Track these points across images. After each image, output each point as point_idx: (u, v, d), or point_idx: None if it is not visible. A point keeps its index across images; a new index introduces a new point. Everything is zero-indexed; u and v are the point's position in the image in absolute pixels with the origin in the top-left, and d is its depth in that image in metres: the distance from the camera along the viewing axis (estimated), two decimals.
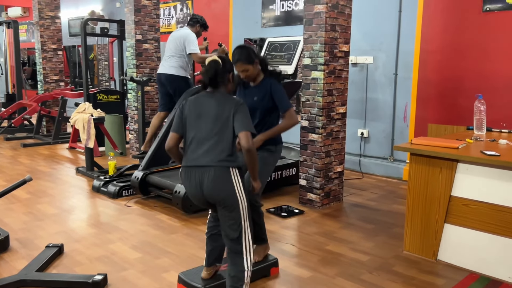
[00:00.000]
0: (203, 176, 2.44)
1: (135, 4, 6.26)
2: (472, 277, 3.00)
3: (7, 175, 5.62)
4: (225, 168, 2.44)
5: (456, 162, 3.07)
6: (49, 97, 8.54)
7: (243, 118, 2.47)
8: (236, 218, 2.47)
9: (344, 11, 4.33)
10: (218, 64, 2.56)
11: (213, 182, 2.42)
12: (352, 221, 4.12)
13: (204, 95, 2.59)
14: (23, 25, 13.17)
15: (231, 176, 2.45)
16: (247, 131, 2.44)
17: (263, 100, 2.99)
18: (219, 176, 2.43)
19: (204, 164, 2.44)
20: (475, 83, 4.85)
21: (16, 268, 3.05)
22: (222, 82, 2.58)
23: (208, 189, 2.44)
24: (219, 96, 2.55)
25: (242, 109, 2.50)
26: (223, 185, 2.44)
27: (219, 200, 2.46)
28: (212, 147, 2.45)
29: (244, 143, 2.41)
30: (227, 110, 2.48)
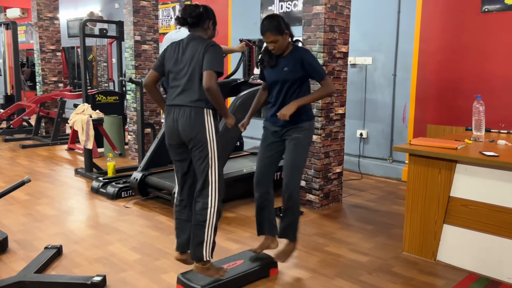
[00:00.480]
0: (178, 114, 2.62)
1: (134, 5, 6.26)
2: (472, 277, 3.00)
3: (6, 176, 5.61)
4: (198, 109, 2.60)
5: (455, 162, 3.07)
6: (48, 98, 8.53)
7: (210, 58, 2.56)
8: (203, 156, 2.61)
9: (343, 12, 4.33)
10: (198, 6, 2.69)
11: (186, 120, 2.59)
12: (351, 222, 4.11)
13: (184, 39, 2.72)
14: (22, 26, 13.16)
15: (204, 116, 2.60)
16: (210, 70, 2.53)
17: (294, 69, 2.83)
18: (192, 115, 2.59)
19: (180, 103, 2.62)
20: (474, 84, 4.85)
21: (14, 270, 3.05)
22: (198, 24, 2.69)
23: (182, 126, 2.61)
24: (197, 39, 2.67)
25: (212, 49, 2.59)
26: (195, 124, 2.59)
27: (190, 138, 2.60)
28: (187, 88, 2.62)
29: (205, 82, 2.52)
30: (198, 51, 2.60)
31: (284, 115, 2.77)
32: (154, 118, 6.57)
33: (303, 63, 2.83)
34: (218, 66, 2.56)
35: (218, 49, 2.62)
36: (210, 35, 2.77)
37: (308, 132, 2.95)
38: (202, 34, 2.72)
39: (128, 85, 6.60)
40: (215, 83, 2.52)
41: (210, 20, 2.75)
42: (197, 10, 2.68)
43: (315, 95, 2.91)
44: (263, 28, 2.83)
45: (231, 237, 3.66)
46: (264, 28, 2.82)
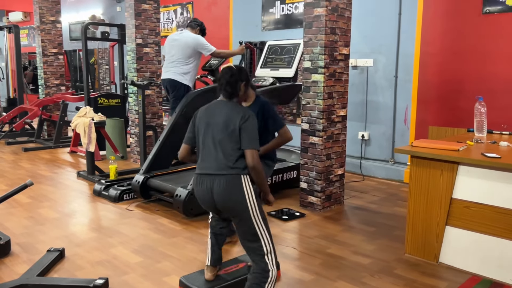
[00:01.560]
0: (213, 183, 2.46)
1: (135, 8, 6.28)
2: (474, 279, 2.99)
3: (8, 180, 5.63)
4: (236, 176, 2.45)
5: (457, 164, 3.07)
6: (50, 101, 8.56)
7: (249, 134, 2.47)
8: (249, 225, 2.46)
9: (344, 14, 4.33)
10: (233, 70, 2.62)
11: (223, 189, 2.44)
12: (353, 224, 4.11)
13: (215, 104, 2.63)
14: (24, 29, 13.21)
15: (242, 183, 2.45)
16: (252, 149, 2.45)
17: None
18: (229, 184, 2.44)
19: (214, 172, 2.47)
20: (476, 85, 4.85)
21: (17, 273, 3.05)
22: (233, 91, 2.61)
23: (218, 196, 2.46)
24: (229, 105, 2.58)
25: (248, 123, 2.49)
26: (233, 193, 2.44)
27: (229, 207, 2.47)
28: (221, 156, 2.47)
29: (249, 161, 2.44)
30: (234, 120, 2.49)
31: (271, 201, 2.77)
32: (156, 121, 6.58)
33: (263, 114, 3.08)
34: (257, 143, 2.50)
35: (254, 122, 2.53)
36: (241, 96, 2.71)
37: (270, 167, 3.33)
38: (235, 98, 2.64)
39: (130, 88, 6.61)
40: (259, 162, 2.46)
41: (242, 82, 2.66)
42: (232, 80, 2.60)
43: (273, 143, 3.21)
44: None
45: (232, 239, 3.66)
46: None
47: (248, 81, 2.76)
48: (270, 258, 2.47)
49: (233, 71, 2.63)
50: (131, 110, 6.58)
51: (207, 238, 3.59)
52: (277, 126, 3.17)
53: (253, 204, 2.46)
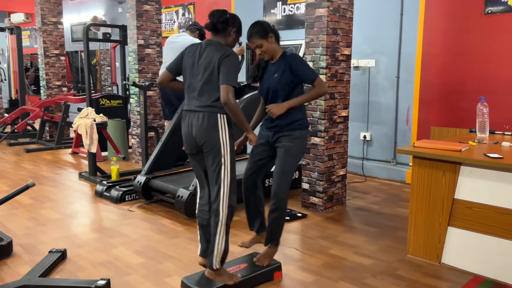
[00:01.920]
0: (193, 119, 2.65)
1: (137, 9, 6.29)
2: (476, 280, 2.98)
3: (10, 181, 5.63)
4: (212, 114, 2.61)
5: (459, 164, 3.06)
6: (52, 102, 8.57)
7: (226, 71, 2.56)
8: (216, 161, 2.62)
9: (346, 14, 4.33)
10: (226, 13, 2.70)
11: (200, 125, 2.61)
12: (355, 224, 4.11)
13: (202, 44, 2.73)
14: (26, 31, 13.23)
15: (217, 121, 2.61)
16: (227, 84, 2.53)
17: (284, 75, 2.85)
18: (206, 120, 2.60)
19: (194, 108, 2.65)
20: (478, 86, 4.84)
21: (19, 274, 3.06)
22: (222, 30, 2.69)
23: (196, 131, 2.64)
24: (214, 45, 2.68)
25: (227, 60, 2.58)
26: (209, 129, 2.60)
27: (203, 142, 2.62)
28: (202, 93, 2.63)
29: (222, 96, 2.53)
30: (214, 57, 2.60)
31: (272, 113, 2.82)
32: (158, 122, 6.59)
33: (291, 68, 2.85)
34: (234, 80, 2.56)
35: (234, 60, 2.60)
36: (230, 42, 2.75)
37: (300, 140, 2.91)
38: (221, 40, 2.71)
39: (131, 89, 6.62)
40: (233, 97, 2.52)
41: (233, 28, 2.73)
42: (224, 16, 2.69)
43: (307, 96, 2.90)
44: (248, 35, 2.89)
45: (235, 240, 3.65)
46: (248, 34, 2.89)
47: (240, 31, 2.78)
48: (223, 202, 2.64)
49: (226, 12, 2.72)
50: (133, 111, 6.59)
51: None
52: (309, 77, 2.88)
53: (225, 144, 2.62)
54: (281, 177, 2.88)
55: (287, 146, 2.88)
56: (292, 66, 2.85)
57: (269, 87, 2.93)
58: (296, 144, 2.90)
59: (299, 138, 2.91)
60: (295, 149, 2.91)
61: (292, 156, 2.90)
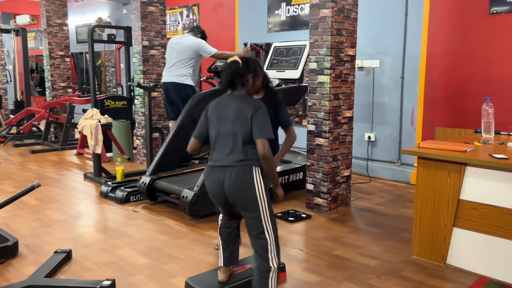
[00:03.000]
0: (224, 175, 2.47)
1: (141, 10, 6.30)
2: (482, 281, 2.97)
3: (16, 181, 5.66)
4: (247, 167, 2.46)
5: (464, 165, 3.05)
6: (57, 103, 8.61)
7: (260, 123, 2.46)
8: (257, 217, 2.47)
9: (350, 15, 4.33)
10: (238, 65, 2.55)
11: (234, 180, 2.44)
12: (360, 225, 4.10)
13: (225, 98, 2.61)
14: (31, 32, 13.30)
15: (252, 175, 2.46)
16: (263, 138, 2.44)
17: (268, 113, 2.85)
18: (240, 175, 2.45)
19: (226, 164, 2.48)
20: (483, 86, 4.82)
21: (24, 274, 3.07)
22: (240, 83, 2.56)
23: (229, 187, 2.46)
24: (239, 97, 2.55)
25: (259, 113, 2.47)
26: (244, 184, 2.45)
27: (239, 199, 2.47)
28: (233, 148, 2.48)
29: (260, 150, 2.42)
30: (245, 111, 2.48)
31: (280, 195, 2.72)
32: (162, 123, 6.60)
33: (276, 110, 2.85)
34: (269, 132, 2.47)
35: (265, 113, 2.51)
36: (250, 90, 2.62)
37: None
38: (243, 91, 2.58)
39: (136, 90, 6.64)
40: (270, 150, 2.45)
41: (249, 74, 2.59)
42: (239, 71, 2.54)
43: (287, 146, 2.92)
44: None
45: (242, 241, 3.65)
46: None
47: (257, 73, 2.64)
48: (272, 255, 2.48)
49: (237, 64, 2.56)
50: (138, 112, 6.61)
51: (213, 239, 3.60)
52: (289, 123, 2.93)
53: (263, 197, 2.47)
54: None
55: None
56: (276, 108, 2.85)
57: None
58: None
59: None
60: None
61: None
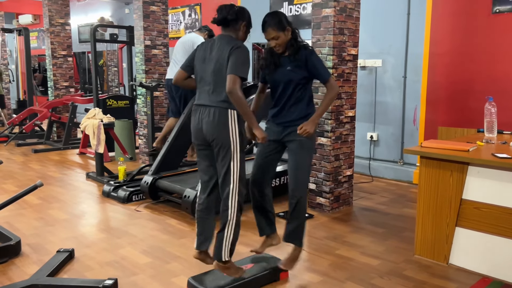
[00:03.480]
0: (204, 114, 2.63)
1: (144, 10, 6.31)
2: (485, 281, 2.96)
3: (18, 181, 5.67)
4: (223, 110, 2.59)
5: (467, 165, 3.04)
6: (60, 103, 8.62)
7: (234, 61, 2.54)
8: (226, 158, 2.62)
9: (352, 14, 4.32)
10: (234, 6, 2.69)
11: (211, 121, 2.60)
12: (362, 225, 4.09)
13: (213, 39, 2.72)
14: (34, 32, 13.32)
15: (228, 117, 2.59)
16: (234, 74, 2.50)
17: (298, 69, 2.77)
18: (216, 115, 2.59)
19: (206, 103, 2.64)
20: (485, 85, 4.81)
21: (27, 273, 3.08)
22: (232, 24, 2.68)
23: (206, 126, 2.63)
24: (225, 38, 2.67)
25: (237, 51, 2.56)
26: (218, 124, 2.59)
27: (213, 139, 2.61)
28: (213, 88, 2.62)
29: (228, 85, 2.50)
30: (224, 50, 2.58)
31: (309, 133, 2.72)
32: (164, 122, 6.60)
33: (307, 63, 2.78)
34: (242, 71, 2.52)
35: (244, 52, 2.57)
36: (241, 36, 2.73)
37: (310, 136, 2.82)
38: (232, 34, 2.70)
39: (138, 89, 6.64)
40: (239, 87, 2.48)
41: (243, 22, 2.72)
42: (233, 9, 2.68)
43: (326, 103, 2.83)
44: (264, 25, 2.81)
45: (242, 240, 3.64)
46: (265, 24, 2.80)
47: (250, 24, 2.76)
48: (232, 198, 2.64)
49: (234, 7, 2.69)
50: (140, 111, 6.61)
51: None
52: (322, 77, 2.81)
53: (235, 141, 2.61)
54: (298, 173, 2.84)
55: (300, 140, 2.80)
56: (308, 62, 2.78)
57: (279, 80, 2.86)
58: (308, 138, 2.80)
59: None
60: (309, 143, 2.85)
61: (306, 150, 2.84)
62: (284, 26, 2.78)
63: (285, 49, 2.84)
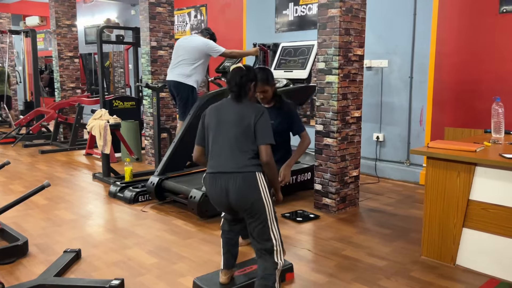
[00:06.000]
0: (228, 182, 2.43)
1: (150, 11, 6.33)
2: (492, 282, 2.95)
3: (26, 181, 5.71)
4: (251, 174, 2.44)
5: (474, 165, 3.03)
6: (66, 104, 8.66)
7: (263, 129, 2.47)
8: (263, 222, 2.46)
9: (358, 14, 4.31)
10: (242, 71, 2.59)
11: (239, 187, 2.42)
12: (368, 226, 4.08)
13: (225, 102, 2.62)
14: (41, 33, 13.40)
15: (257, 181, 2.45)
16: (266, 144, 2.45)
17: (282, 122, 3.19)
18: (245, 182, 2.42)
19: (229, 170, 2.44)
20: (492, 85, 4.78)
21: (35, 273, 3.09)
22: (242, 92, 2.57)
23: (234, 195, 2.43)
24: (241, 103, 2.57)
25: (263, 119, 2.49)
26: (250, 192, 2.43)
27: (246, 207, 2.44)
28: (235, 153, 2.45)
29: (263, 156, 2.44)
30: (248, 116, 2.48)
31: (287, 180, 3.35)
32: (170, 123, 6.62)
33: (288, 119, 3.26)
34: (272, 138, 2.49)
35: (268, 118, 2.53)
36: (250, 96, 2.65)
37: None
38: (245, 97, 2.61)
39: (144, 90, 6.66)
40: (272, 157, 2.46)
41: (251, 83, 2.63)
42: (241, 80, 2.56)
43: (300, 151, 3.43)
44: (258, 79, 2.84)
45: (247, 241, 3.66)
46: (258, 79, 2.83)
47: (256, 80, 2.71)
48: (278, 256, 2.51)
49: (242, 71, 2.59)
50: (146, 112, 6.63)
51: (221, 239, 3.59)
52: (300, 129, 3.29)
53: (268, 202, 2.47)
54: None
55: None
56: (289, 118, 3.27)
57: None
58: None
59: None
60: None
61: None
62: (271, 81, 3.22)
63: (269, 101, 3.30)
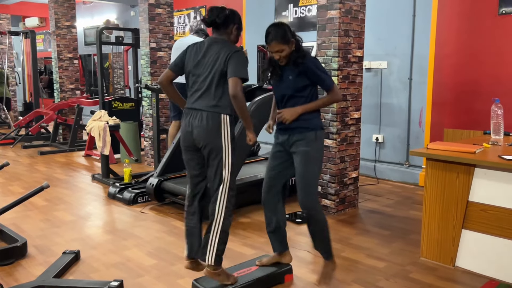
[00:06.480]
0: (195, 118, 2.59)
1: (149, 12, 6.33)
2: (492, 284, 2.94)
3: (25, 183, 5.70)
4: (215, 114, 2.56)
5: (473, 167, 3.03)
6: (66, 105, 8.66)
7: (235, 64, 2.52)
8: (217, 164, 2.59)
9: (358, 16, 4.32)
10: (225, 9, 2.66)
11: (201, 125, 2.56)
12: (368, 227, 4.08)
13: (206, 41, 2.70)
14: (40, 35, 13.40)
15: (220, 123, 2.56)
16: (236, 77, 2.49)
17: (299, 79, 2.69)
18: (209, 120, 2.55)
19: (197, 107, 2.60)
20: (492, 87, 4.79)
21: (33, 275, 3.09)
22: (223, 26, 2.65)
23: (197, 131, 2.58)
24: (220, 42, 2.64)
25: (236, 55, 2.55)
26: (210, 130, 2.55)
27: (204, 144, 2.57)
28: (206, 92, 2.59)
29: (231, 88, 2.48)
30: (221, 56, 2.56)
31: (285, 118, 2.67)
32: (170, 124, 6.61)
33: (307, 72, 2.69)
34: (244, 72, 2.52)
35: (242, 55, 2.58)
36: (233, 39, 2.72)
37: (315, 143, 2.71)
38: (224, 37, 2.68)
39: (144, 91, 6.66)
40: (241, 90, 2.48)
41: (235, 25, 2.70)
42: (224, 13, 2.65)
43: (321, 101, 2.75)
44: (268, 36, 2.68)
45: (247, 242, 3.65)
46: (269, 35, 2.68)
47: (240, 26, 2.73)
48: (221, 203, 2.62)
49: (226, 9, 2.67)
50: (145, 113, 6.63)
51: None
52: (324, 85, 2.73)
53: (227, 147, 2.57)
54: (304, 185, 2.71)
55: (304, 151, 2.69)
56: (308, 71, 2.69)
57: (283, 89, 2.77)
58: (313, 148, 2.70)
59: (314, 141, 2.71)
60: (314, 153, 2.71)
61: (311, 161, 2.70)
62: (289, 39, 2.66)
63: (288, 60, 2.74)
